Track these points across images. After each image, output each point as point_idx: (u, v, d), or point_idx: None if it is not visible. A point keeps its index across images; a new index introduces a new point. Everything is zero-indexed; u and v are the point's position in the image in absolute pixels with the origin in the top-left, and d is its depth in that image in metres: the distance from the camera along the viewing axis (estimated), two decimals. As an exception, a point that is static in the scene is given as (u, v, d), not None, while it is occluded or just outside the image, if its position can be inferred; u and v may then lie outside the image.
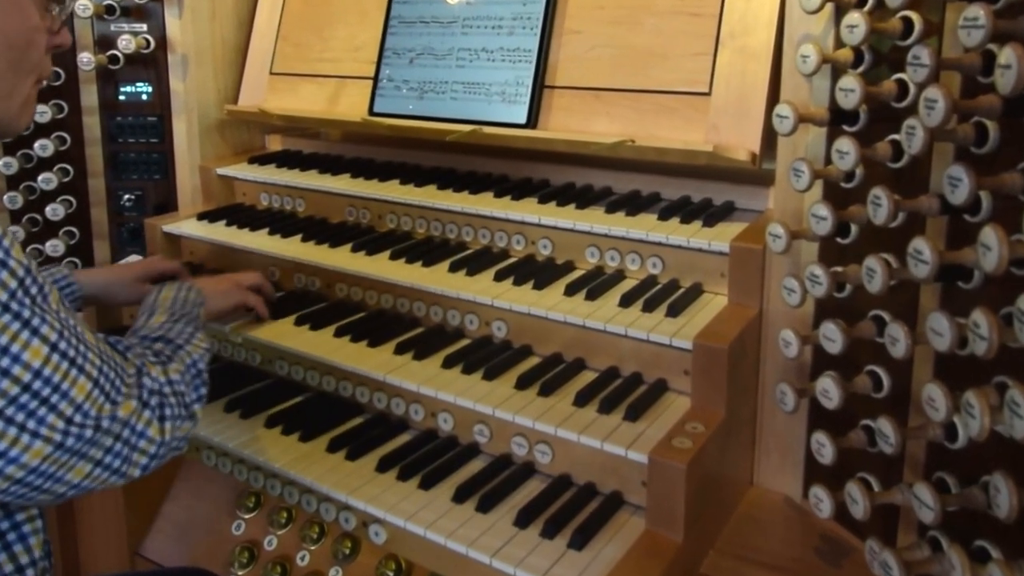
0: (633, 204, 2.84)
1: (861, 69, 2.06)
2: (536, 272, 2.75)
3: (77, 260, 3.74)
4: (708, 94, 2.70)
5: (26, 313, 1.59)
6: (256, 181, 3.64)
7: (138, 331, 2.20)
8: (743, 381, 2.42)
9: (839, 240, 2.10)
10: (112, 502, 3.17)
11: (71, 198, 3.71)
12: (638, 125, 2.82)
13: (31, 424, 1.61)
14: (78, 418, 1.67)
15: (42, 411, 1.62)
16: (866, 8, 2.01)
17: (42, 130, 3.60)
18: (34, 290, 1.62)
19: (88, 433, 1.69)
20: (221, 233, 3.39)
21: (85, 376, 1.69)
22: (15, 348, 1.58)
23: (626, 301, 2.54)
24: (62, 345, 1.65)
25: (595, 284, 2.63)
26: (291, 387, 2.85)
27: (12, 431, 1.60)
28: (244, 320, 2.91)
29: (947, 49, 1.83)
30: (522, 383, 2.44)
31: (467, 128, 3.05)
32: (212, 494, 2.96)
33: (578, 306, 2.55)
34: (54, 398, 1.63)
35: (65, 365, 1.65)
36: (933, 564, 1.77)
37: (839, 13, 2.13)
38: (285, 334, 2.84)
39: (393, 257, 3.00)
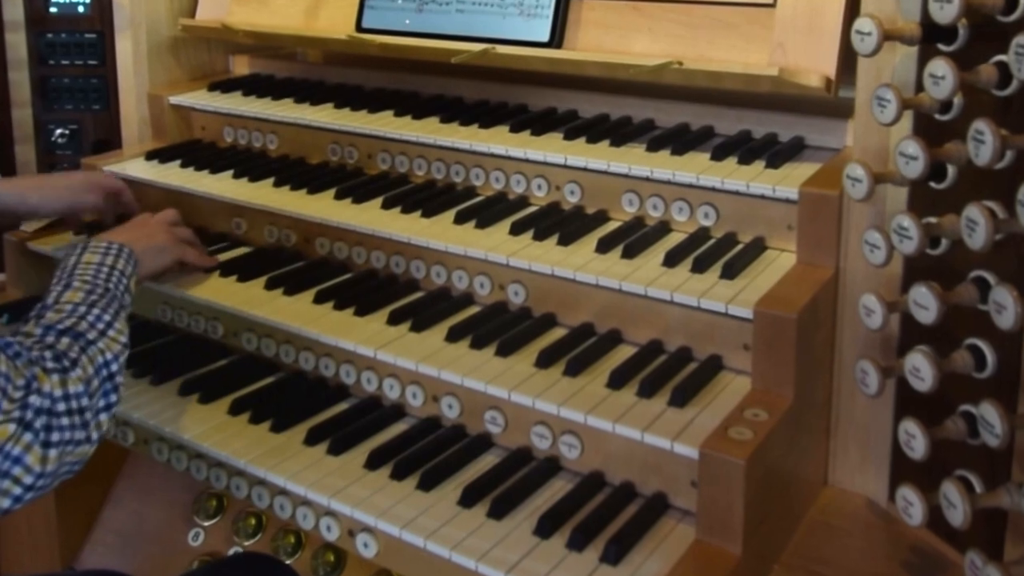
0: (680, 141, 2.84)
1: (962, -27, 2.05)
2: (561, 224, 2.75)
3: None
4: (773, 5, 2.69)
5: None
6: (218, 112, 3.65)
7: (47, 309, 2.20)
8: (815, 358, 2.43)
9: (933, 185, 2.10)
10: (41, 507, 3.20)
11: (-10, 133, 3.73)
12: (687, 43, 2.82)
13: None
14: None
15: None
16: None
17: (-47, 51, 3.62)
18: None
19: None
20: (175, 176, 3.40)
21: None
22: None
23: (672, 260, 2.54)
24: None
25: (634, 239, 2.64)
26: (261, 365, 2.87)
27: None
28: (183, 276, 2.92)
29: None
30: (544, 360, 2.46)
31: (477, 48, 3.05)
32: (164, 496, 2.99)
33: (613, 266, 2.56)
34: None
35: None
36: (1047, 582, 1.78)
37: (936, -97, 2.12)
38: (253, 300, 2.86)
39: (386, 206, 3.01)
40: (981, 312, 1.91)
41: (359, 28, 3.40)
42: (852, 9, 2.51)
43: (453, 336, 2.59)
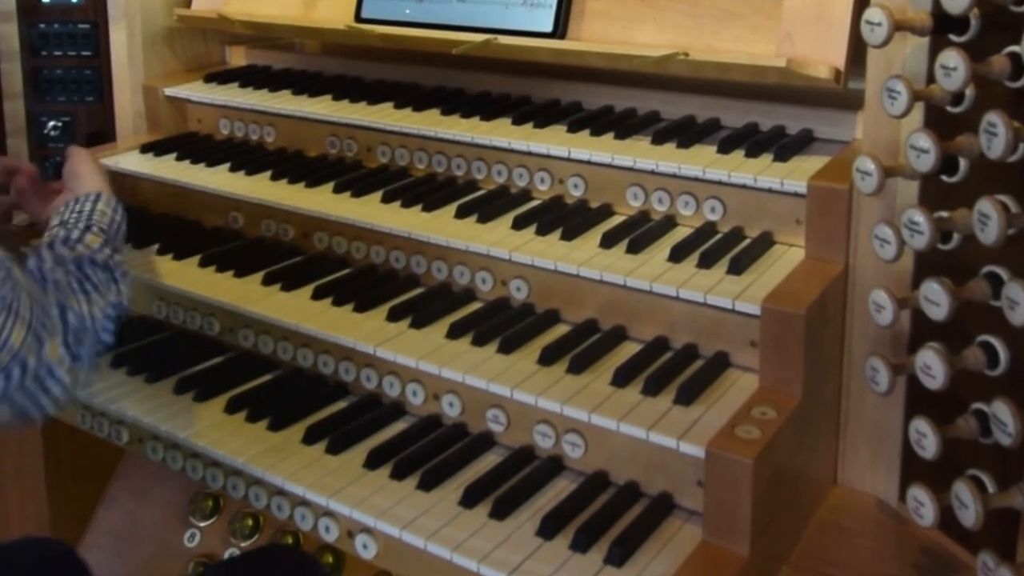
0: (686, 133, 2.84)
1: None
2: (565, 219, 2.76)
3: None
4: (781, -6, 2.69)
5: None
6: (214, 104, 3.65)
7: (75, 242, 2.36)
8: (824, 355, 2.43)
9: (944, 178, 2.10)
10: (34, 508, 3.20)
11: (-18, 126, 3.73)
12: (693, 34, 2.82)
13: None
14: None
15: None
16: None
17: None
18: None
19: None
20: (170, 169, 3.40)
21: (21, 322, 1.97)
22: None
23: (677, 255, 2.54)
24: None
25: (639, 234, 2.64)
26: (258, 362, 2.87)
27: None
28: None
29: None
30: (547, 357, 2.46)
31: (479, 38, 3.05)
32: (159, 496, 2.99)
33: (617, 261, 2.56)
34: None
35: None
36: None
37: None
38: (250, 295, 2.86)
39: (386, 199, 3.00)
40: (994, 308, 1.90)
41: (358, 18, 3.39)
42: (862, -2, 2.51)
43: (454, 333, 2.59)
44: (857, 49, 2.49)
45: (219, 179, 3.27)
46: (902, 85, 2.08)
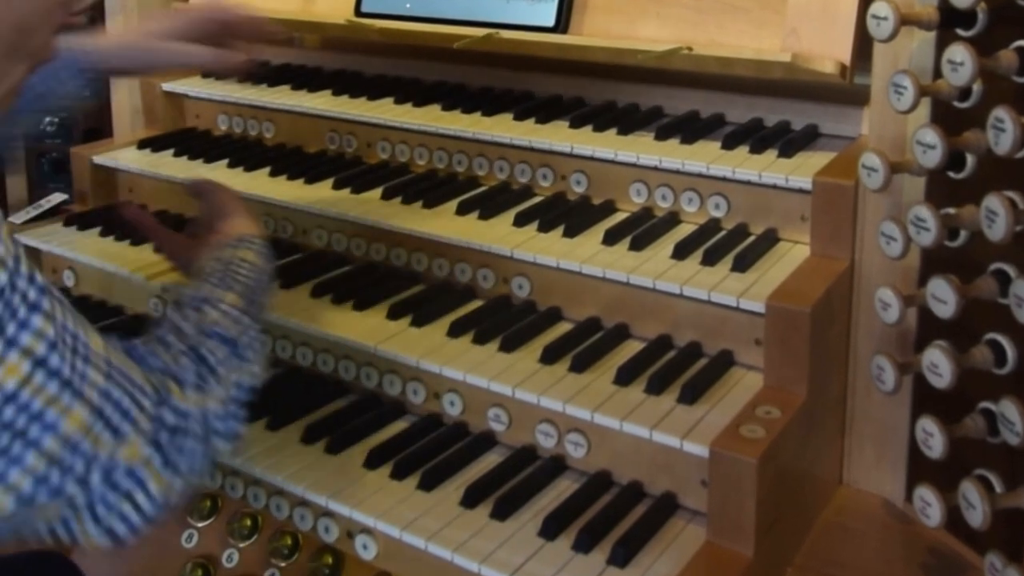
0: (690, 129, 2.84)
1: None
2: (567, 215, 2.76)
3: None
4: (786, -12, 2.69)
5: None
6: (212, 99, 3.65)
7: (204, 303, 1.97)
8: (830, 353, 2.43)
9: (951, 174, 2.10)
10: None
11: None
12: (697, 28, 2.82)
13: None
14: (68, 459, 1.54)
15: (16, 448, 1.48)
16: None
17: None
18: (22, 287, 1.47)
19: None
20: (168, 166, 3.40)
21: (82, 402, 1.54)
22: None
23: (681, 252, 2.54)
24: (53, 360, 1.49)
25: (642, 230, 2.64)
26: (257, 361, 2.86)
27: None
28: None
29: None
30: (549, 356, 2.46)
31: (480, 32, 3.05)
32: (158, 496, 2.98)
33: (620, 258, 2.56)
34: (33, 430, 1.49)
35: (54, 386, 1.50)
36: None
37: None
38: (249, 294, 2.85)
39: (386, 196, 3.01)
40: (1001, 306, 1.90)
41: (358, 12, 3.39)
42: (868, -8, 2.51)
43: (455, 331, 2.58)
44: (863, 44, 2.48)
45: (217, 176, 3.25)
46: (908, 80, 2.08)
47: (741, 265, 2.46)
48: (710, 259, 2.50)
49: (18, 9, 1.60)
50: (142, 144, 3.57)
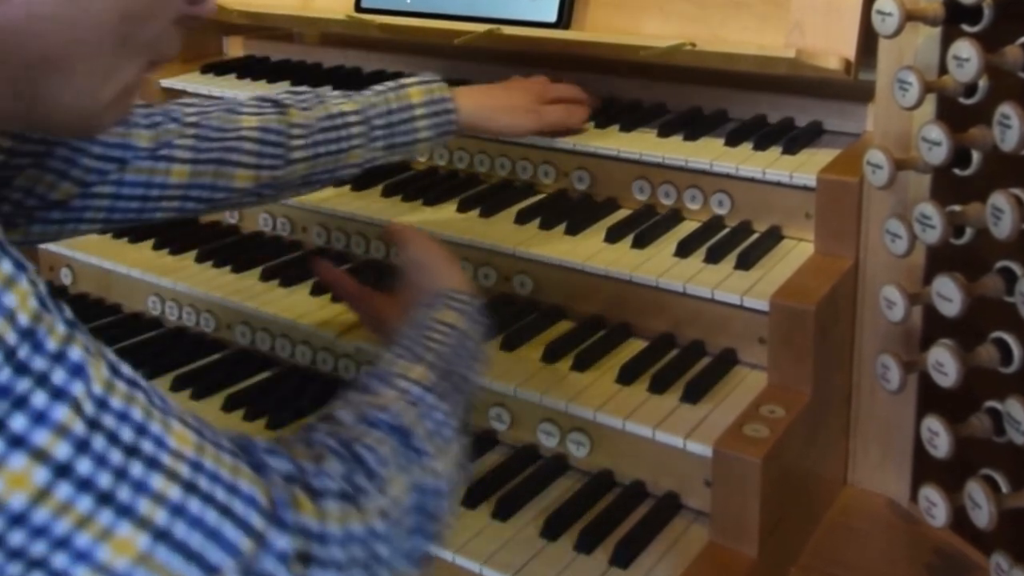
0: (693, 125, 2.84)
1: (988, -50, 2.05)
2: (569, 212, 2.76)
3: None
4: (790, -17, 2.69)
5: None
6: (211, 96, 3.65)
7: (374, 380, 1.60)
8: (834, 352, 2.43)
9: (957, 171, 2.10)
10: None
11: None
12: (700, 24, 2.82)
13: None
14: None
15: None
16: None
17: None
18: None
19: None
20: (166, 163, 3.39)
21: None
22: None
23: (684, 249, 2.55)
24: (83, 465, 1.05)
25: (644, 228, 2.64)
26: (256, 360, 2.86)
27: None
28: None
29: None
30: (551, 355, 2.46)
31: (481, 28, 3.04)
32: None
33: (623, 256, 2.56)
34: (58, 560, 1.05)
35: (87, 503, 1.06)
36: (1076, 586, 1.78)
37: None
38: (247, 292, 2.86)
39: (386, 193, 3.01)
40: (1007, 304, 1.90)
41: (358, 8, 3.39)
42: (873, -13, 2.51)
43: (456, 329, 2.58)
44: (868, 39, 2.48)
45: (216, 173, 3.27)
46: (914, 76, 2.08)
47: (744, 263, 2.46)
48: (713, 257, 2.50)
49: None
50: (140, 141, 3.57)
